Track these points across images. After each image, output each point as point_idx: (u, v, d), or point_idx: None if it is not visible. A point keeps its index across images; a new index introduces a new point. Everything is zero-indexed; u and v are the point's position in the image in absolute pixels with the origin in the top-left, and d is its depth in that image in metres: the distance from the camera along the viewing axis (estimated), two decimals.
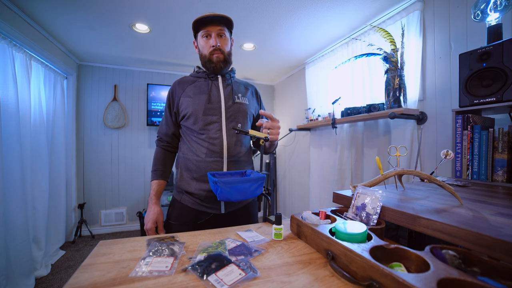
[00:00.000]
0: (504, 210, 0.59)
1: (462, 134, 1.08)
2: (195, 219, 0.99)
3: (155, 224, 0.97)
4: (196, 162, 0.98)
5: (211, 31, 1.00)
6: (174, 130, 1.08)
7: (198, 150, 0.99)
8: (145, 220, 0.98)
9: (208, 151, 0.97)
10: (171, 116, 1.07)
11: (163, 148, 1.10)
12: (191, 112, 0.99)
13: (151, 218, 0.97)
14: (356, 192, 0.72)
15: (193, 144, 1.00)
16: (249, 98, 1.11)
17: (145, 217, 0.99)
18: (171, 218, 1.03)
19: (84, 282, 0.47)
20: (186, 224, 0.99)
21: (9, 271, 1.67)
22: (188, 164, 1.00)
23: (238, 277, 0.48)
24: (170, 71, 3.43)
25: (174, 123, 1.07)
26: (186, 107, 1.00)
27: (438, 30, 1.55)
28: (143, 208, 3.29)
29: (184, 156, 1.03)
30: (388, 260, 0.48)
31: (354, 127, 2.18)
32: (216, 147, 0.97)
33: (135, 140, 3.29)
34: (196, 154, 0.99)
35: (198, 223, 0.99)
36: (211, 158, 0.97)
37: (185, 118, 1.01)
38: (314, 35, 2.28)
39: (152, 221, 0.97)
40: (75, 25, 2.10)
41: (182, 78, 1.09)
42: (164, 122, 1.09)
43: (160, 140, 1.10)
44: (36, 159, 2.18)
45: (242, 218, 1.04)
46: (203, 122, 0.98)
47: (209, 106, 1.00)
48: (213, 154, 0.97)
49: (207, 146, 0.97)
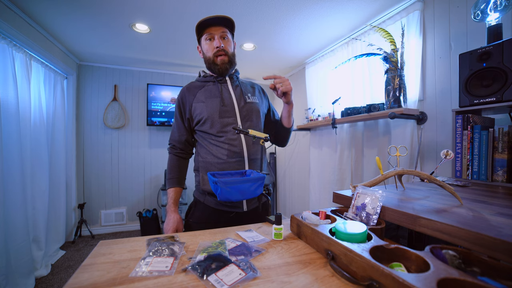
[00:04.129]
0: (504, 210, 0.59)
1: (462, 134, 1.08)
2: (218, 218, 1.00)
3: (176, 232, 0.97)
4: (218, 164, 0.99)
5: (214, 33, 1.01)
6: (187, 136, 1.08)
7: (218, 153, 0.99)
8: (165, 229, 0.98)
9: (229, 152, 0.98)
10: (183, 123, 1.06)
11: (176, 155, 1.10)
12: (207, 116, 0.99)
13: (172, 226, 0.97)
14: (356, 192, 0.72)
15: (212, 147, 1.00)
16: (258, 96, 1.12)
17: (164, 226, 0.99)
18: (193, 218, 1.04)
19: (84, 282, 0.47)
20: (209, 223, 0.99)
21: (9, 271, 1.67)
22: (209, 167, 1.00)
23: (238, 277, 0.48)
24: (170, 71, 3.43)
25: (187, 130, 1.07)
26: (200, 112, 1.00)
27: (438, 30, 1.55)
28: (143, 208, 3.29)
29: (203, 160, 1.03)
30: (388, 260, 0.48)
31: (354, 127, 2.18)
32: (237, 148, 0.99)
33: (135, 140, 3.29)
34: (217, 157, 0.99)
35: (222, 222, 0.98)
36: (233, 159, 0.98)
37: (200, 123, 1.02)
38: (314, 35, 2.28)
39: (173, 230, 0.97)
40: (75, 25, 2.10)
41: (190, 84, 1.09)
42: (176, 129, 1.09)
43: (173, 147, 1.10)
44: (36, 159, 2.18)
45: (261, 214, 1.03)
46: (220, 125, 0.99)
47: (224, 108, 1.00)
48: (234, 154, 0.98)
49: (227, 148, 0.98)
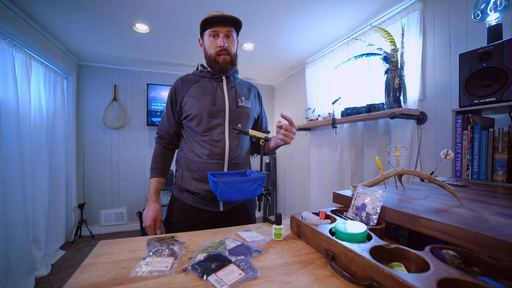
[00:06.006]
0: (504, 210, 0.59)
1: (462, 134, 1.08)
2: (195, 216, 1.00)
3: (154, 221, 0.97)
4: (197, 163, 0.99)
5: (219, 31, 1.00)
6: (176, 128, 1.07)
7: (200, 152, 0.99)
8: (144, 217, 0.97)
9: (210, 153, 0.98)
10: (173, 115, 1.06)
11: (163, 146, 1.09)
12: (195, 113, 0.99)
13: (151, 215, 0.97)
14: (356, 192, 0.72)
15: (195, 145, 1.01)
16: (251, 101, 1.11)
17: (144, 214, 0.99)
18: (172, 216, 1.04)
19: (84, 282, 0.47)
20: (187, 222, 1.00)
21: (9, 271, 1.67)
22: (189, 164, 1.01)
23: (238, 277, 0.48)
24: (170, 71, 3.43)
25: (176, 122, 1.07)
26: (190, 108, 1.00)
27: (438, 30, 1.55)
28: (143, 208, 3.28)
29: (185, 156, 1.03)
30: (388, 260, 0.48)
31: (354, 127, 2.18)
32: (218, 149, 0.98)
33: (135, 140, 3.29)
34: (198, 155, 0.99)
35: (198, 221, 1.00)
36: (212, 160, 0.98)
37: (188, 118, 1.01)
38: (314, 35, 2.27)
39: (152, 219, 0.97)
40: (75, 25, 2.10)
41: (186, 76, 1.08)
42: (166, 119, 1.08)
43: (161, 137, 1.09)
44: (36, 159, 2.18)
45: (240, 216, 1.06)
46: (207, 125, 0.99)
47: (214, 108, 1.00)
48: (214, 156, 0.98)
49: (209, 148, 0.98)
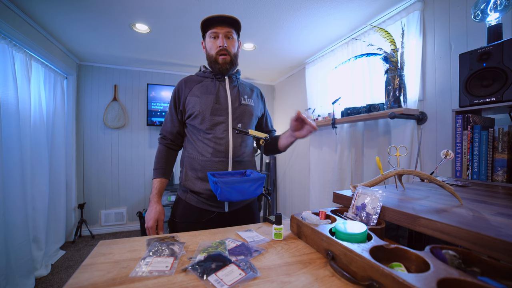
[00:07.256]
0: (504, 210, 0.59)
1: (462, 134, 1.08)
2: (200, 217, 1.00)
3: (156, 222, 0.97)
4: (201, 161, 0.99)
5: (219, 32, 1.01)
6: (179, 128, 1.08)
7: (203, 150, 0.99)
8: (147, 218, 0.97)
9: (214, 151, 0.98)
10: (176, 114, 1.06)
11: (166, 146, 1.09)
12: (199, 111, 0.99)
13: (153, 216, 0.97)
14: (356, 192, 0.72)
15: (199, 143, 1.01)
16: (254, 100, 1.12)
17: (146, 215, 0.98)
18: (176, 216, 1.03)
19: (84, 282, 0.47)
20: (191, 222, 0.99)
21: (9, 271, 1.67)
22: (193, 163, 1.01)
23: (238, 277, 0.48)
24: (170, 71, 3.43)
25: (180, 121, 1.07)
26: (193, 106, 1.00)
27: (438, 30, 1.55)
28: (143, 208, 3.29)
29: (189, 155, 1.03)
30: (388, 260, 0.48)
31: (354, 127, 2.18)
32: (222, 147, 0.98)
33: (135, 140, 3.29)
34: (202, 154, 0.99)
35: (203, 221, 0.99)
36: (217, 158, 0.98)
37: (191, 117, 1.02)
38: (314, 35, 2.27)
39: (154, 220, 0.96)
40: (75, 25, 2.10)
41: (189, 77, 1.09)
42: (169, 119, 1.08)
43: (164, 138, 1.09)
44: (36, 159, 2.18)
45: (244, 217, 1.05)
46: (210, 122, 0.99)
47: (217, 106, 1.00)
48: (218, 154, 0.98)
49: (213, 146, 0.98)
